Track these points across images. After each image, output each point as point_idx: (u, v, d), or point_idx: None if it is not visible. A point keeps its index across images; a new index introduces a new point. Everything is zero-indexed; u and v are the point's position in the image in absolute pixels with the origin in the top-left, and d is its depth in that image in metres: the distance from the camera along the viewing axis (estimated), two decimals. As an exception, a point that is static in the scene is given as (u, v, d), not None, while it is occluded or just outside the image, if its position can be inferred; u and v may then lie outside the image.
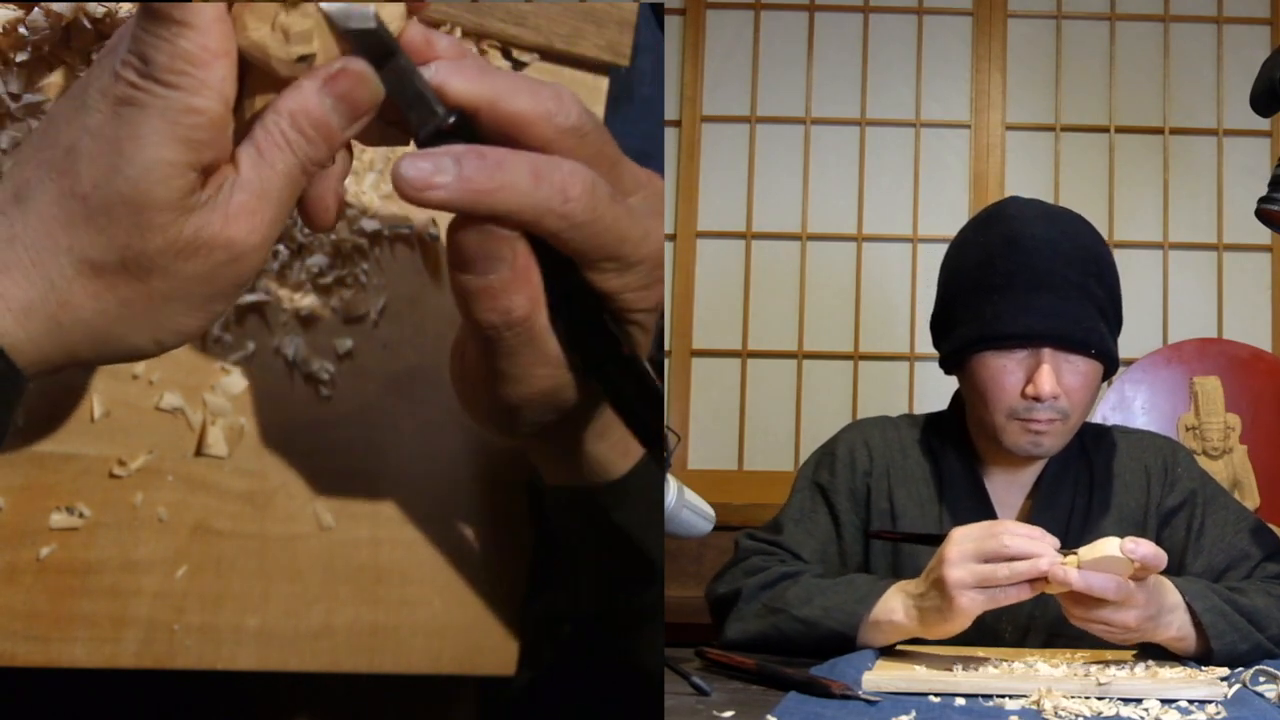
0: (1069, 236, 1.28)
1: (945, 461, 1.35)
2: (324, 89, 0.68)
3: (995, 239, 1.29)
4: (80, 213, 0.65)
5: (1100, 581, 1.00)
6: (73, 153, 0.65)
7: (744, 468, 2.82)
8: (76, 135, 0.65)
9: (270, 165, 0.68)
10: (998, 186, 2.85)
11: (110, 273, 0.66)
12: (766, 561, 1.29)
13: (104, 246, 0.65)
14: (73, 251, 0.65)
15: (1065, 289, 1.25)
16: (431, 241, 0.90)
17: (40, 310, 0.65)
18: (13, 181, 0.66)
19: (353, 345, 0.87)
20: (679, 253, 2.86)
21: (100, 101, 0.65)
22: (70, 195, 0.65)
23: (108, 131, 0.65)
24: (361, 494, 0.87)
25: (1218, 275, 2.83)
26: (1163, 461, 1.36)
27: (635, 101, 1.02)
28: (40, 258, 0.65)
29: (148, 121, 0.65)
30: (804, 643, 1.15)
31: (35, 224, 0.65)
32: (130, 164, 0.64)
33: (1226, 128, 2.85)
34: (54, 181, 0.65)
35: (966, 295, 1.30)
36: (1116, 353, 1.30)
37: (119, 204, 0.65)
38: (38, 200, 0.65)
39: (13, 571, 0.76)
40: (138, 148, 0.64)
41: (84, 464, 0.78)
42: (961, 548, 1.05)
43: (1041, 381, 1.23)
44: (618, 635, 0.87)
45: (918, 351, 2.81)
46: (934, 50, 2.92)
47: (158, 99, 0.64)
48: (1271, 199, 1.24)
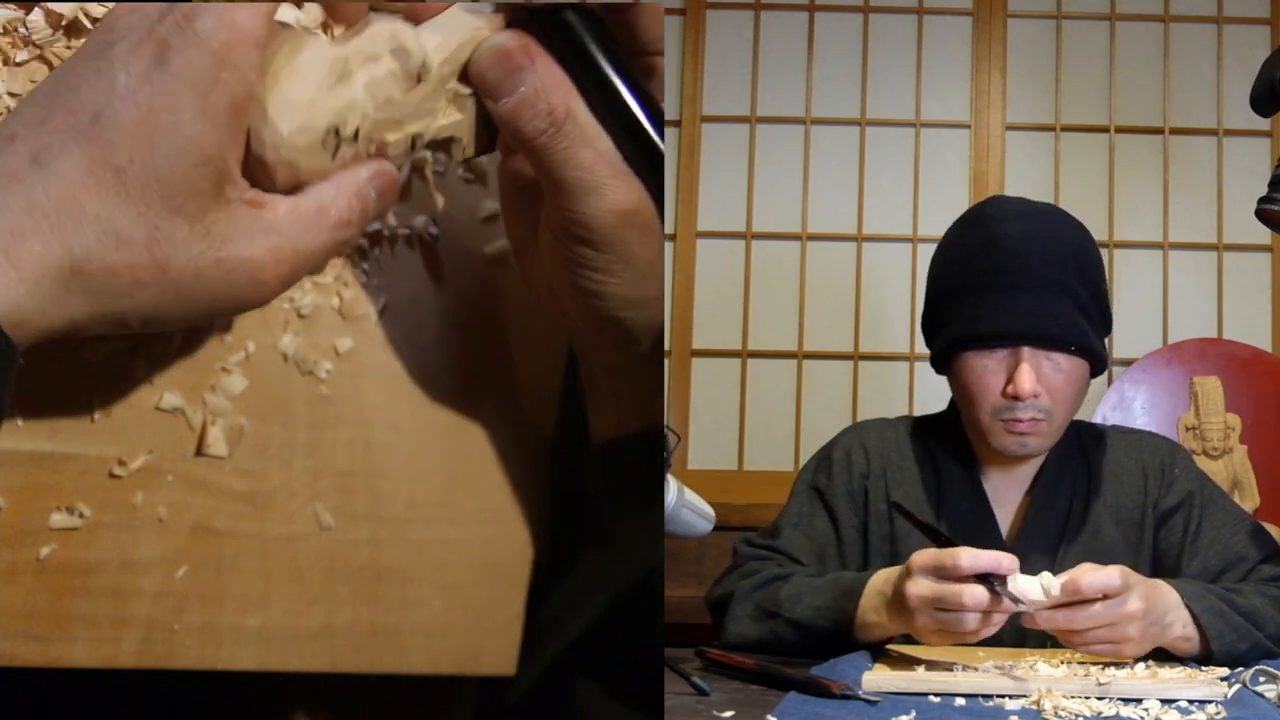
0: (1047, 233, 1.28)
1: (943, 462, 1.36)
2: (382, 199, 0.73)
3: (975, 240, 1.30)
4: (114, 184, 0.64)
5: (1060, 621, 1.03)
6: (101, 120, 0.64)
7: (744, 468, 2.82)
8: (103, 99, 0.64)
9: (317, 236, 0.70)
10: (998, 186, 2.85)
11: (132, 250, 0.65)
12: (762, 565, 1.30)
13: (133, 220, 0.65)
14: (100, 220, 0.64)
15: (1042, 287, 1.25)
16: (431, 241, 0.90)
17: (53, 276, 0.64)
18: (28, 145, 0.64)
19: (353, 345, 0.87)
20: (679, 253, 2.86)
21: (129, 58, 0.64)
22: (104, 165, 0.64)
23: (140, 97, 0.64)
24: (361, 494, 0.87)
25: (1218, 275, 2.83)
26: (1160, 462, 1.36)
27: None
28: (61, 223, 0.64)
29: (180, 92, 0.64)
30: (800, 644, 1.16)
31: (58, 189, 0.64)
32: (164, 138, 0.64)
33: (1226, 128, 2.85)
34: (81, 148, 0.64)
35: (950, 296, 1.31)
36: (1102, 348, 1.30)
37: (154, 180, 0.64)
38: (61, 165, 0.64)
39: (13, 571, 0.76)
40: (172, 122, 0.64)
41: (84, 464, 0.78)
42: (920, 591, 1.05)
43: (1021, 380, 1.24)
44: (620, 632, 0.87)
45: (918, 351, 2.80)
46: (934, 50, 2.92)
47: (193, 64, 0.64)
48: (1271, 199, 1.24)
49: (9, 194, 0.63)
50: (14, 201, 0.63)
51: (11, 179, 0.63)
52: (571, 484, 0.90)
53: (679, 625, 1.25)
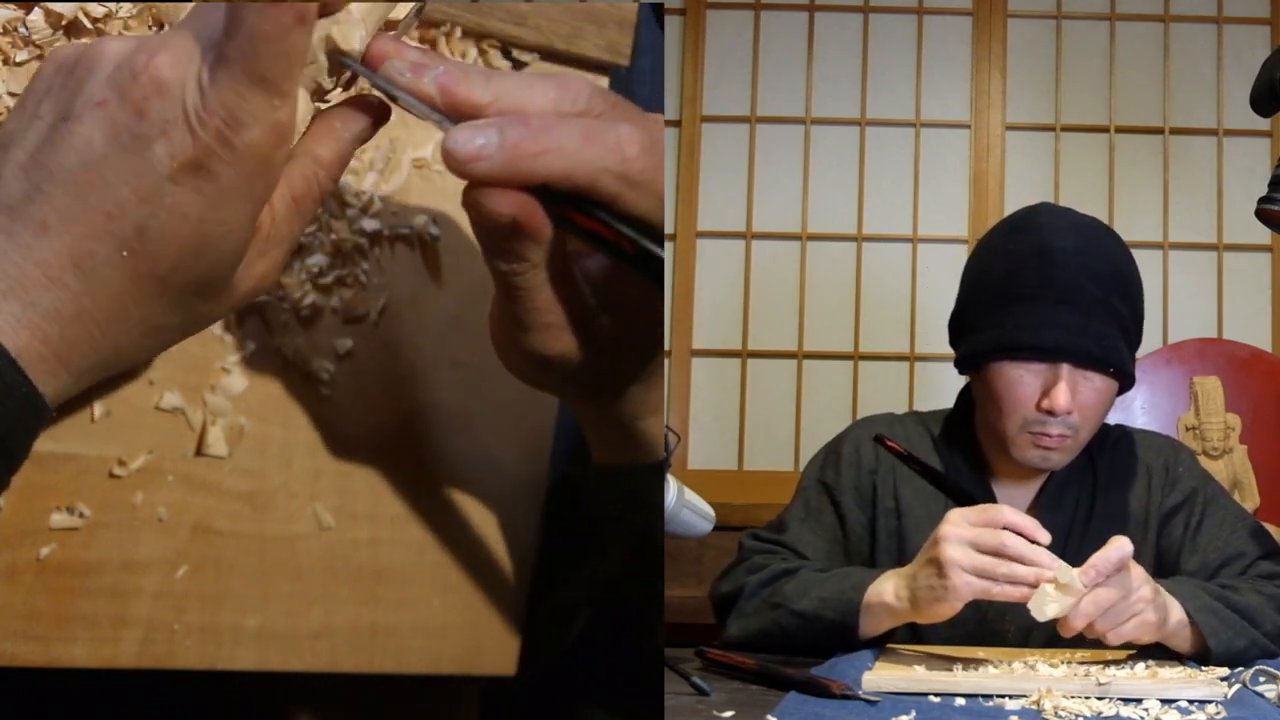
0: (1098, 251, 1.27)
1: (952, 461, 1.35)
2: (356, 140, 0.71)
3: (1024, 248, 1.28)
4: (156, 290, 0.65)
5: (1091, 610, 1.02)
6: (146, 233, 0.63)
7: (744, 468, 2.82)
8: (148, 210, 0.62)
9: (302, 217, 0.70)
10: (998, 186, 2.85)
11: (171, 334, 0.69)
12: (769, 560, 1.29)
13: (174, 314, 0.67)
14: (145, 323, 0.66)
15: (1090, 305, 1.24)
16: (431, 241, 0.90)
17: (100, 368, 0.67)
18: (65, 245, 0.62)
19: (353, 345, 0.87)
20: (679, 253, 2.85)
21: (172, 165, 0.62)
22: (148, 276, 0.64)
23: (190, 211, 0.63)
24: (361, 494, 0.87)
25: (1218, 275, 2.83)
26: (1164, 461, 1.36)
27: (635, 101, 1.02)
28: (109, 329, 0.65)
29: (233, 206, 0.64)
30: (804, 636, 1.16)
31: (106, 300, 0.64)
32: (214, 249, 0.65)
33: (1226, 128, 2.85)
34: (126, 261, 0.63)
35: (990, 300, 1.29)
36: (1133, 370, 1.29)
37: (196, 283, 0.66)
38: (107, 276, 0.63)
39: (13, 571, 0.76)
40: (223, 234, 0.64)
41: (84, 464, 0.78)
42: (960, 530, 1.05)
43: (1057, 397, 1.23)
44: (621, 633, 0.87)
45: (918, 351, 2.80)
46: (934, 50, 2.92)
47: (245, 176, 0.63)
48: (1271, 199, 1.24)
49: (56, 300, 0.63)
50: (64, 310, 0.63)
51: (55, 284, 0.63)
52: (573, 483, 0.90)
53: (679, 625, 1.25)
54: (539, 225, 0.70)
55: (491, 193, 0.69)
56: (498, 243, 0.71)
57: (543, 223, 0.70)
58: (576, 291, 0.75)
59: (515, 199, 0.69)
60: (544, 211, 0.70)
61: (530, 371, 0.78)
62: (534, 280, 0.72)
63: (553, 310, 0.74)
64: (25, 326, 0.62)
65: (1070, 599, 1.01)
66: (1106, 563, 1.02)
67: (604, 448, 0.84)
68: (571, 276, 0.74)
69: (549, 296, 0.73)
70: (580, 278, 0.75)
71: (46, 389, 0.64)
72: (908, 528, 1.32)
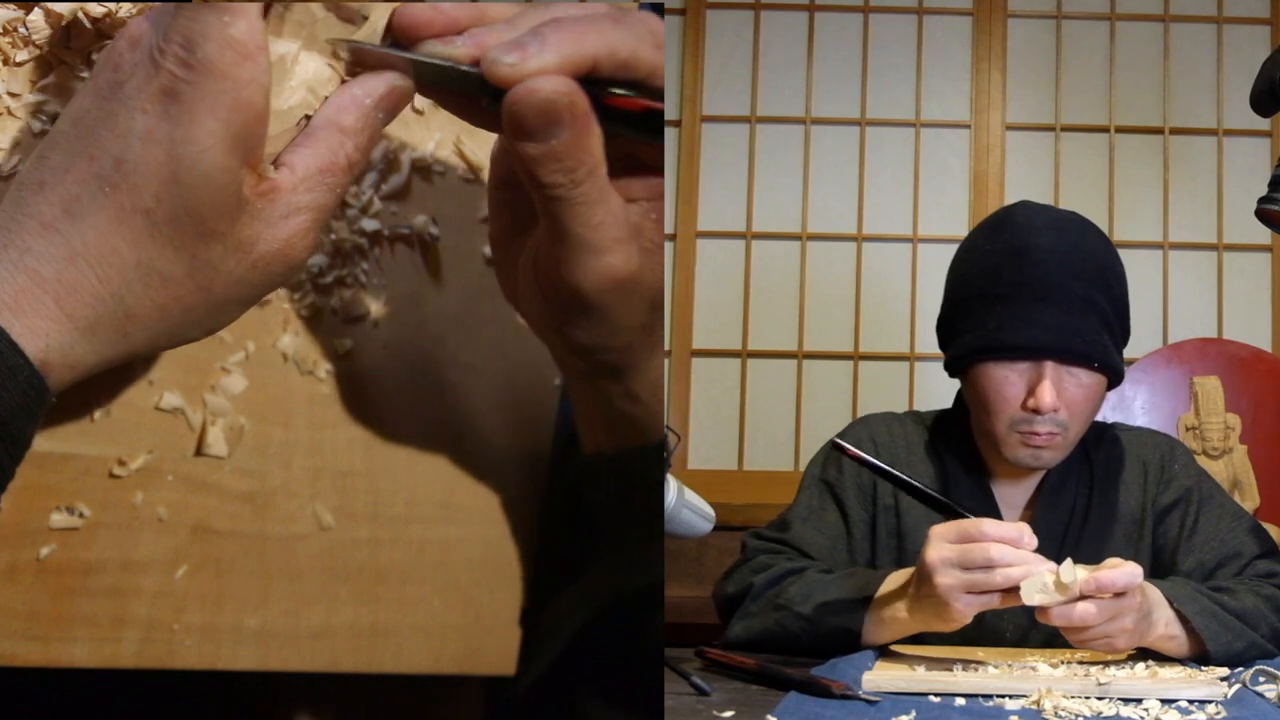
0: (1077, 247, 1.27)
1: (950, 461, 1.35)
2: (379, 106, 0.71)
3: (1002, 247, 1.28)
4: (145, 227, 0.65)
5: (1073, 618, 1.00)
6: (124, 164, 0.64)
7: (744, 468, 2.82)
8: (123, 143, 0.64)
9: (329, 188, 0.70)
10: (998, 186, 2.85)
11: (177, 283, 0.67)
12: (773, 559, 1.29)
13: (172, 257, 0.66)
14: (141, 266, 0.66)
15: (1070, 301, 1.24)
16: (431, 241, 0.90)
17: (108, 324, 0.66)
18: (58, 194, 0.65)
19: (353, 345, 0.87)
20: (679, 253, 2.85)
21: (141, 98, 0.64)
22: (132, 211, 0.65)
23: (159, 134, 0.64)
24: (361, 494, 0.87)
25: (1218, 275, 2.83)
26: (1160, 458, 1.36)
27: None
28: (108, 274, 0.65)
29: (199, 122, 0.64)
30: (808, 639, 1.16)
31: (95, 240, 0.65)
32: (189, 172, 0.65)
33: (1226, 128, 2.85)
34: (109, 196, 0.65)
35: (971, 302, 1.29)
36: (1121, 365, 1.29)
37: (183, 214, 0.65)
38: (94, 216, 0.65)
39: (13, 571, 0.76)
40: (196, 154, 0.64)
41: (84, 464, 0.78)
42: (943, 554, 1.03)
43: (1042, 395, 1.23)
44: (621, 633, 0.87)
45: (918, 351, 2.81)
46: (934, 50, 2.92)
47: (207, 92, 0.64)
48: (1271, 199, 1.24)
49: (49, 244, 0.65)
50: (56, 253, 0.65)
51: (48, 229, 0.65)
52: (571, 484, 0.90)
53: (679, 625, 1.25)
54: (582, 108, 0.71)
55: (531, 81, 0.70)
56: (545, 154, 0.72)
57: (585, 105, 0.71)
58: (626, 209, 0.75)
59: (557, 81, 0.71)
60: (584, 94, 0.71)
61: (595, 303, 0.76)
62: (590, 192, 0.73)
63: (615, 224, 0.74)
64: (21, 271, 0.64)
65: (1060, 595, 1.01)
66: (1110, 583, 1.00)
67: (601, 432, 0.84)
68: (617, 195, 0.75)
69: (610, 209, 0.74)
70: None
71: (51, 340, 0.65)
72: (907, 527, 1.32)
